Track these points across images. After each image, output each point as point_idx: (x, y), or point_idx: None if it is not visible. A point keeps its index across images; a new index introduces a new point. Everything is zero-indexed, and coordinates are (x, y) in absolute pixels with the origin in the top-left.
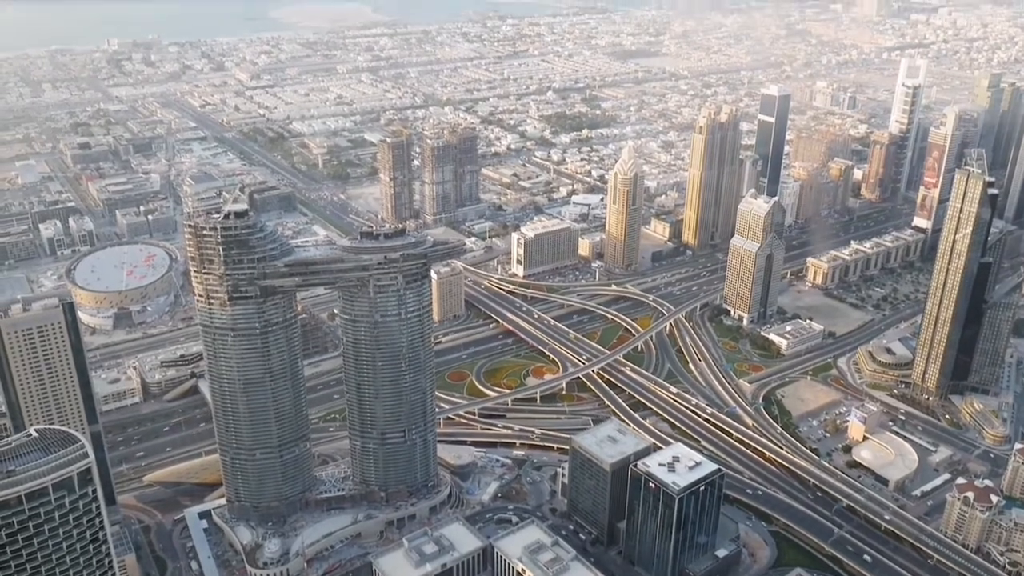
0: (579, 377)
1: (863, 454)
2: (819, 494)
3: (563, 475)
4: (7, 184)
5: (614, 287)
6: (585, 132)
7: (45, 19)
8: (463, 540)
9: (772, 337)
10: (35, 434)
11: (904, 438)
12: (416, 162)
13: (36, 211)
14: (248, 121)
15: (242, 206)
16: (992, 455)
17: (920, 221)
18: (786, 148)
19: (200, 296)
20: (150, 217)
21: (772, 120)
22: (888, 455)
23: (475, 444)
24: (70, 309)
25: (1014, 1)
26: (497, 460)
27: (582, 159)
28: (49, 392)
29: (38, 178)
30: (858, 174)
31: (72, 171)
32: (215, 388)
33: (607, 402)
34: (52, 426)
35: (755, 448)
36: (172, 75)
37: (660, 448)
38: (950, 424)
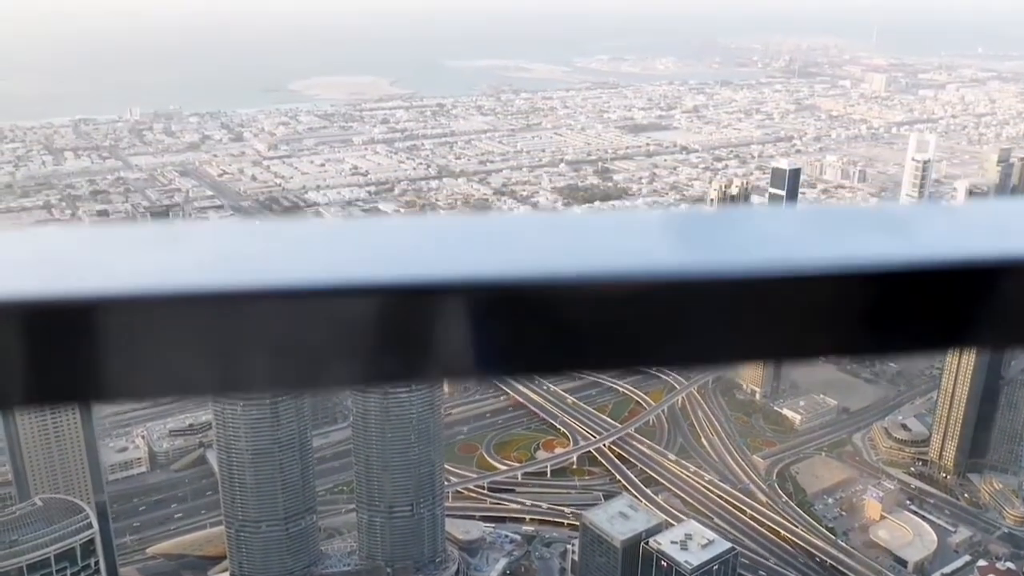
0: (590, 451)
1: (880, 534)
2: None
3: (573, 552)
4: None
5: None
6: (597, 204)
7: (71, 89)
8: None
9: (785, 412)
10: (40, 503)
11: (922, 517)
12: None
13: None
14: (264, 190)
15: None
16: (1014, 536)
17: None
18: None
19: None
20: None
21: (783, 193)
22: (906, 535)
23: (484, 519)
24: None
25: (1022, 77)
26: (506, 536)
27: None
28: (56, 460)
29: None
30: None
31: None
32: (223, 458)
33: (618, 477)
34: (57, 495)
35: (769, 526)
36: (191, 144)
37: (672, 525)
38: (969, 504)
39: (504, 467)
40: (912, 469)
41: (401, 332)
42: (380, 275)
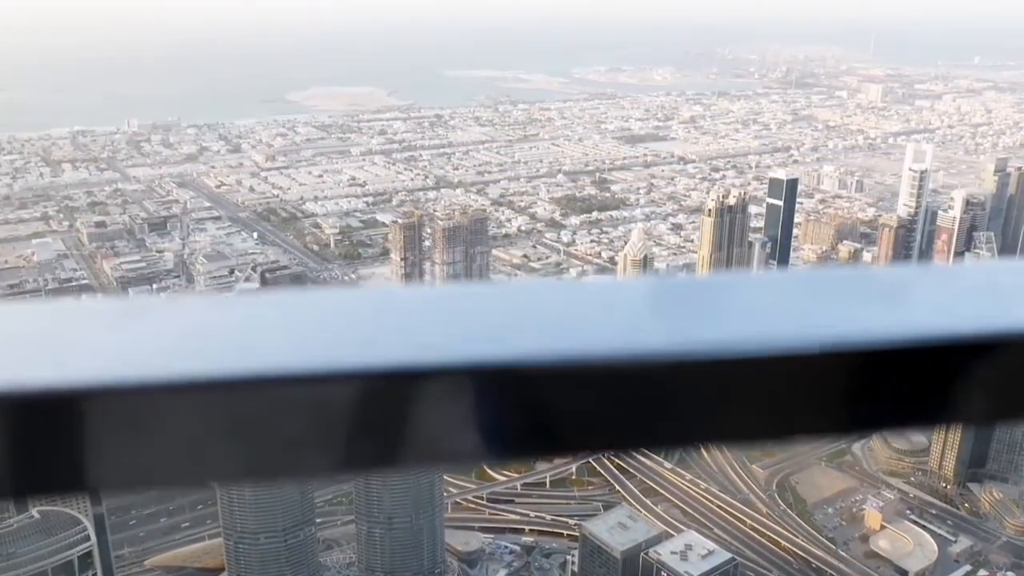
0: (589, 462)
1: (881, 544)
2: None
3: (573, 563)
4: (23, 261)
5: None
6: (595, 214)
7: (69, 101)
8: None
9: None
10: (37, 516)
11: (923, 527)
12: (427, 243)
13: (50, 288)
14: (262, 201)
15: (253, 285)
16: (1014, 545)
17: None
18: (795, 231)
19: None
20: (162, 295)
21: (780, 203)
22: (907, 545)
23: (483, 530)
24: None
25: (1018, 87)
26: (505, 547)
27: (592, 241)
28: None
29: (53, 256)
30: (867, 257)
31: (87, 249)
32: None
33: (617, 487)
34: (55, 508)
35: (769, 536)
36: (189, 156)
37: (672, 536)
38: (969, 513)
39: (503, 478)
40: (912, 479)
41: (384, 418)
42: (352, 359)
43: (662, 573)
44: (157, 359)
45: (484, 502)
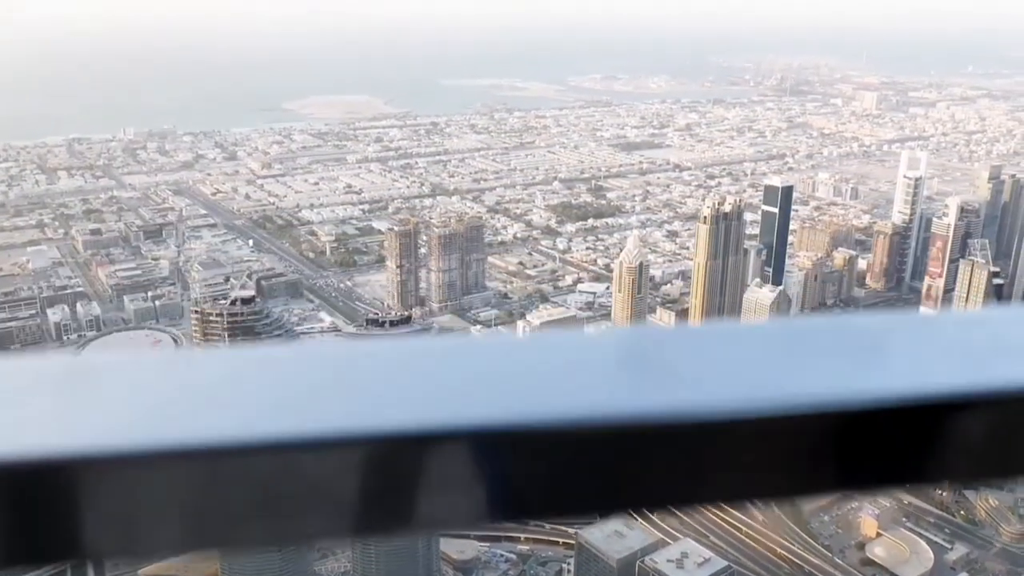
0: None
1: (877, 551)
2: None
3: (569, 571)
4: (18, 269)
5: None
6: (591, 221)
7: (65, 109)
8: None
9: None
10: None
11: (919, 535)
12: (423, 250)
13: (44, 296)
14: (258, 209)
15: (249, 292)
16: (1010, 552)
17: (926, 311)
18: (790, 238)
19: None
20: (157, 303)
21: (776, 211)
22: (903, 552)
23: (479, 538)
24: None
25: (1011, 95)
26: (501, 555)
27: (587, 248)
28: None
29: (48, 263)
30: (862, 264)
31: (83, 257)
32: None
33: None
34: None
35: (765, 544)
36: (185, 164)
37: (668, 544)
38: (965, 520)
39: None
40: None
41: (376, 484)
42: (344, 423)
43: None
44: (142, 423)
45: None
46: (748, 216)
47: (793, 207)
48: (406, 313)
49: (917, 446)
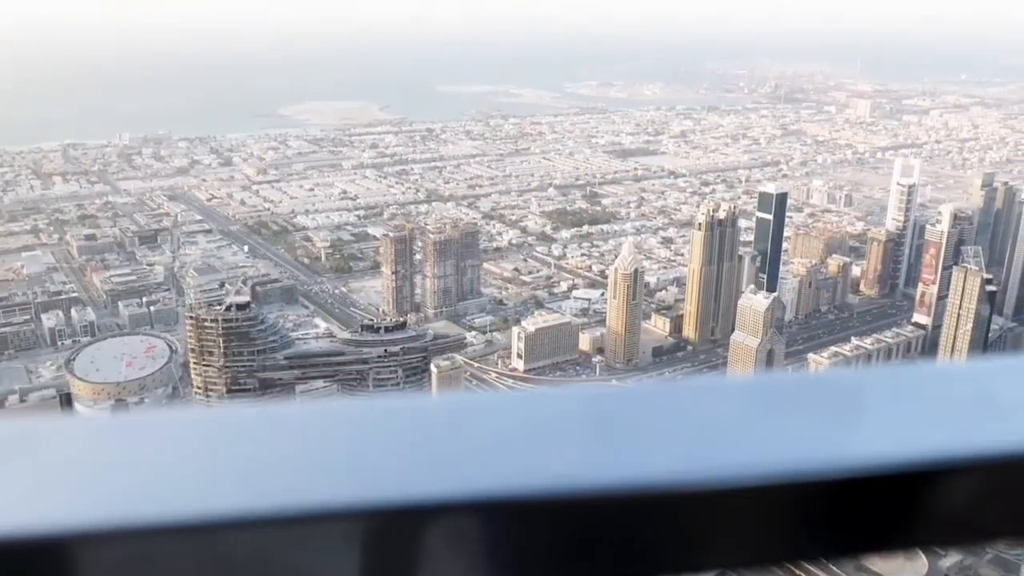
0: None
1: (872, 558)
2: None
3: None
4: (12, 274)
5: (615, 382)
6: (586, 228)
7: (60, 114)
8: None
9: None
10: None
11: None
12: (418, 256)
13: (39, 301)
14: (253, 215)
15: (244, 298)
16: (1003, 559)
17: (920, 317)
18: (784, 245)
19: (198, 388)
20: (152, 308)
21: (770, 217)
22: (897, 559)
23: None
24: (67, 400)
25: (1004, 103)
26: None
27: (582, 254)
28: None
29: (43, 268)
30: (856, 270)
31: (77, 262)
32: None
33: None
34: None
35: None
36: (180, 169)
37: None
38: None
39: None
40: None
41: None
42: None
43: None
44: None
45: None
46: (743, 223)
47: (787, 214)
48: (401, 319)
49: (901, 513)
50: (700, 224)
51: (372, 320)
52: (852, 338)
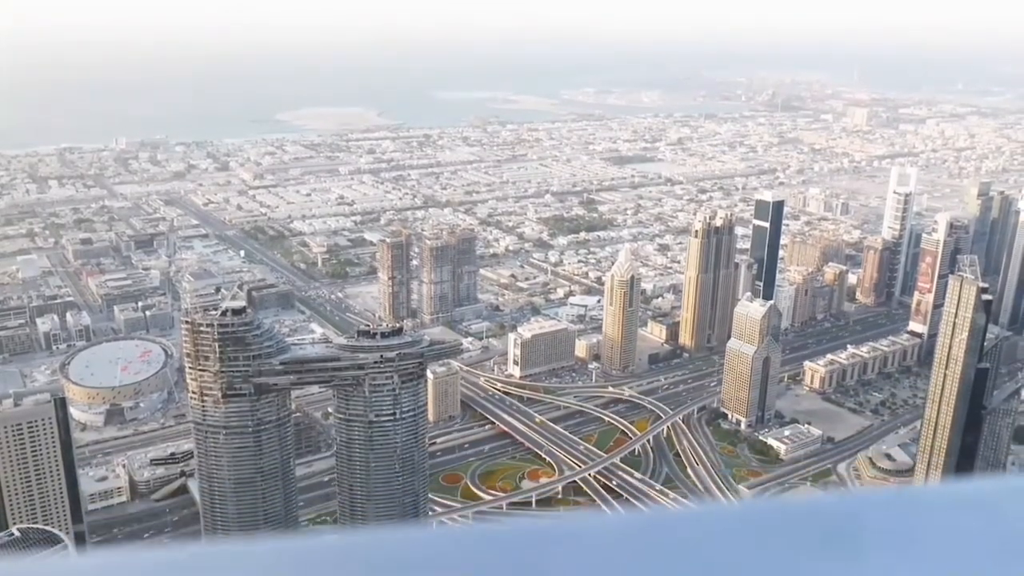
0: (575, 481)
1: None
2: None
3: None
4: (7, 278)
5: (611, 389)
6: (582, 234)
7: (57, 118)
8: None
9: (770, 442)
10: (17, 533)
11: None
12: (415, 262)
13: (34, 305)
14: (250, 220)
15: (240, 303)
16: None
17: (916, 326)
18: (781, 252)
19: (194, 393)
20: (148, 313)
21: (767, 225)
22: None
23: None
24: (62, 405)
25: (1000, 113)
26: None
27: (579, 261)
28: (35, 489)
29: (38, 272)
30: (852, 278)
31: (73, 266)
32: (204, 487)
33: (604, 507)
34: (35, 525)
35: None
36: (177, 174)
37: None
38: None
39: (489, 497)
40: None
41: None
42: None
43: None
44: None
45: (470, 521)
46: (739, 230)
47: (784, 221)
48: (397, 325)
49: None
50: (697, 231)
51: (368, 325)
52: (848, 346)
